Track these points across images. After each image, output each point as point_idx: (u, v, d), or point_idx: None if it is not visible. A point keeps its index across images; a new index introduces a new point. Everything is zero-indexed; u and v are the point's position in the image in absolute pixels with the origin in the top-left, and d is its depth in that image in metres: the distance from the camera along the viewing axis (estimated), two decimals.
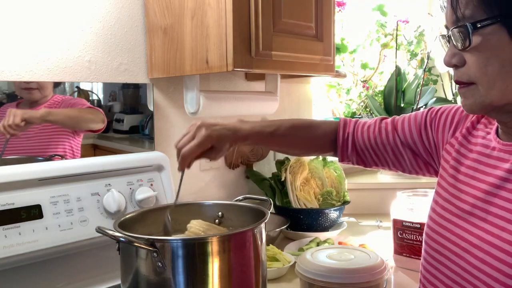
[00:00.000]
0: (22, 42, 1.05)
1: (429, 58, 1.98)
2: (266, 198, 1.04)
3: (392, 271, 1.19)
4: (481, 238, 0.72)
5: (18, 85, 1.07)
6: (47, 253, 0.98)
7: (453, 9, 0.69)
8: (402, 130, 0.96)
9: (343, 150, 1.01)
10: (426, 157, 0.94)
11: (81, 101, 1.15)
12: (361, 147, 1.00)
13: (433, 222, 0.82)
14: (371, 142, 0.99)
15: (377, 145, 0.98)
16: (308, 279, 0.92)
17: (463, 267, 0.74)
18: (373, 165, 1.01)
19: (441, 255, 0.79)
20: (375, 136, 0.98)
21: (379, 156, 0.99)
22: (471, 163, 0.79)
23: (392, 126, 0.97)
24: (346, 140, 1.01)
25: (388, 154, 0.97)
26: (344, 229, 1.50)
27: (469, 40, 0.67)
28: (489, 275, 0.69)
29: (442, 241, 0.79)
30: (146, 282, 0.77)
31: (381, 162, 1.00)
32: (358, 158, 1.01)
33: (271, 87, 1.51)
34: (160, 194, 1.17)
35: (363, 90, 2.11)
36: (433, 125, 0.91)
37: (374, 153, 0.99)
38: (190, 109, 1.29)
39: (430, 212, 0.85)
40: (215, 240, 0.77)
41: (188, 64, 1.14)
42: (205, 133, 0.88)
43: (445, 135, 0.88)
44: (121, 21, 1.22)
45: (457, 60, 0.71)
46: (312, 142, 1.03)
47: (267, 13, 1.09)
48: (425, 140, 0.93)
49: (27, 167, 1.00)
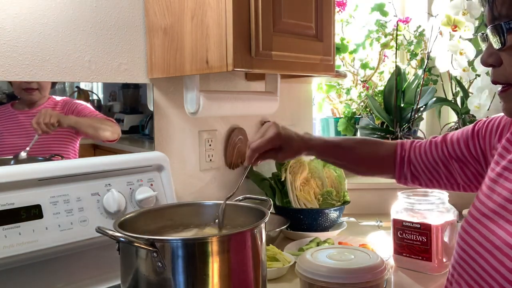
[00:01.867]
0: (22, 42, 1.05)
1: (429, 58, 1.97)
2: (266, 198, 1.04)
3: (392, 271, 1.19)
4: (503, 240, 0.71)
5: (19, 85, 1.06)
6: (47, 253, 0.98)
7: (490, 7, 0.68)
8: (451, 141, 0.96)
9: (400, 168, 1.03)
10: (474, 166, 0.93)
11: (86, 108, 1.15)
12: (415, 164, 1.02)
13: (465, 221, 0.82)
14: (422, 156, 1.01)
15: (428, 159, 1.00)
16: (308, 279, 0.92)
17: (484, 267, 0.74)
18: (428, 182, 1.02)
19: (466, 254, 0.79)
20: (425, 150, 1.00)
21: (431, 171, 1.00)
22: (507, 164, 0.79)
23: (442, 139, 0.99)
24: (403, 157, 1.03)
25: (439, 167, 0.98)
26: (344, 229, 1.50)
27: (504, 40, 0.66)
28: (505, 278, 0.69)
29: (469, 240, 0.79)
30: (146, 282, 0.77)
31: (435, 178, 1.00)
32: (412, 176, 1.03)
33: (271, 87, 1.51)
34: (160, 194, 1.17)
35: (363, 90, 2.11)
36: (480, 133, 0.92)
37: (426, 168, 1.00)
38: (190, 109, 1.29)
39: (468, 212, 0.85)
40: (215, 240, 0.77)
41: (188, 64, 1.14)
42: (276, 131, 0.92)
43: (491, 141, 0.88)
44: (121, 21, 1.22)
45: (493, 60, 0.70)
46: (376, 159, 1.06)
47: (267, 13, 1.08)
48: (472, 148, 0.93)
49: (27, 167, 1.00)
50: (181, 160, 1.39)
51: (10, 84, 1.05)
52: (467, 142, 0.94)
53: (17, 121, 1.06)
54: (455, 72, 1.92)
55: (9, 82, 1.04)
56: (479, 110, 1.88)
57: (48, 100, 1.10)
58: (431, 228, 1.14)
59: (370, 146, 1.06)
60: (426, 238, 1.14)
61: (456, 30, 1.79)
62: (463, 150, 0.94)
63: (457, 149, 0.95)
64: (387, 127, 1.96)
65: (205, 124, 1.46)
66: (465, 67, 1.88)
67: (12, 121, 1.05)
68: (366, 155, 1.05)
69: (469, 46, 1.84)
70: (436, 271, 1.15)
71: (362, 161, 1.06)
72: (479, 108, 1.88)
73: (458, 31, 1.79)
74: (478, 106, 1.88)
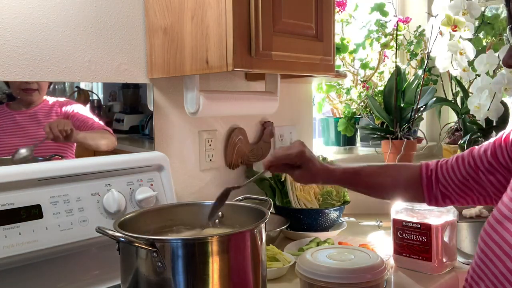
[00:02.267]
0: (22, 42, 1.05)
1: (429, 58, 1.97)
2: (266, 198, 1.04)
3: (392, 271, 1.19)
4: None
5: (19, 85, 1.06)
6: (47, 253, 0.98)
7: (507, 8, 0.68)
8: (478, 154, 0.96)
9: (428, 190, 1.01)
10: (503, 174, 0.93)
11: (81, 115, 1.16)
12: (443, 182, 0.99)
13: (487, 222, 0.82)
14: (450, 174, 0.99)
15: (456, 175, 0.98)
16: (308, 279, 0.92)
17: (501, 270, 0.73)
18: (460, 199, 1.00)
19: (485, 256, 0.78)
20: (452, 167, 0.99)
21: (461, 187, 0.98)
22: None
23: (468, 153, 0.98)
24: (429, 178, 1.01)
25: (469, 182, 0.97)
26: (344, 229, 1.50)
27: None
28: None
29: (489, 242, 0.79)
30: (146, 282, 0.77)
31: (466, 193, 0.98)
32: (443, 196, 1.00)
33: (271, 87, 1.51)
34: (160, 194, 1.17)
35: (363, 90, 2.11)
36: (508, 141, 0.91)
37: (455, 185, 0.98)
38: (190, 109, 1.29)
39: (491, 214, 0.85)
40: (215, 240, 0.77)
41: (188, 64, 1.14)
42: (300, 149, 0.93)
43: None
44: (121, 21, 1.22)
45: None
46: (400, 185, 1.03)
47: (267, 13, 1.08)
48: (500, 157, 0.92)
49: (27, 167, 1.00)
50: (181, 160, 1.39)
51: (6, 85, 1.04)
52: (494, 151, 0.93)
53: (14, 121, 1.05)
54: (455, 72, 1.92)
55: (5, 82, 1.04)
56: (479, 110, 1.88)
57: (44, 101, 1.10)
58: (431, 228, 1.14)
59: (392, 172, 1.04)
60: (426, 238, 1.14)
61: (456, 30, 1.79)
62: (491, 160, 0.93)
63: (485, 160, 0.94)
64: (387, 127, 1.96)
65: (205, 124, 1.46)
66: (465, 67, 1.88)
67: (9, 122, 1.05)
68: (389, 183, 1.03)
69: (469, 46, 1.84)
70: (436, 271, 1.15)
71: (385, 188, 1.04)
72: (479, 108, 1.88)
73: (458, 31, 1.79)
74: (478, 106, 1.88)
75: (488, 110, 1.86)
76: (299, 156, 0.93)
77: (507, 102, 1.96)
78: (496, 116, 1.89)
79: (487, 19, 2.12)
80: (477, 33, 2.11)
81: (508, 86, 1.78)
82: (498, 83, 1.80)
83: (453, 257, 1.20)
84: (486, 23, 2.12)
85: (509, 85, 1.77)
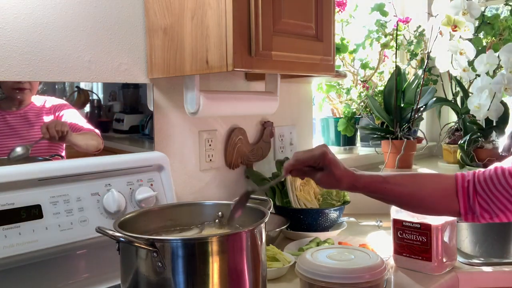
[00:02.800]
0: (22, 42, 1.05)
1: (429, 58, 1.97)
2: (266, 198, 1.04)
3: (392, 271, 1.19)
4: None
5: (11, 85, 1.05)
6: (47, 253, 0.98)
7: None
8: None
9: (465, 202, 0.94)
10: None
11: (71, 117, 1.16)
12: (482, 194, 0.93)
13: None
14: (489, 185, 0.92)
15: (496, 187, 0.92)
16: (308, 279, 0.92)
17: None
18: (500, 213, 0.92)
19: None
20: (491, 178, 0.92)
21: (502, 200, 0.91)
22: None
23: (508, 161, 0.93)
24: (466, 189, 0.94)
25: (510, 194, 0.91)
26: (344, 229, 1.50)
27: None
28: None
29: None
30: (146, 282, 0.77)
31: (507, 207, 0.92)
32: (481, 209, 0.93)
33: (271, 87, 1.51)
34: (160, 194, 1.17)
35: (363, 90, 2.11)
36: None
37: (496, 197, 0.92)
38: (190, 109, 1.29)
39: None
40: (215, 240, 0.77)
41: (188, 64, 1.14)
42: (323, 150, 0.90)
43: None
44: (121, 21, 1.22)
45: None
46: (433, 197, 0.96)
47: (267, 13, 1.09)
48: None
49: (27, 167, 1.00)
50: (181, 160, 1.39)
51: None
52: None
53: (4, 121, 1.05)
54: (455, 72, 1.92)
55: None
56: (479, 110, 1.88)
57: (33, 102, 1.09)
58: (431, 228, 1.14)
59: (423, 181, 0.97)
60: (426, 238, 1.14)
61: (456, 30, 1.79)
62: None
63: None
64: (387, 127, 1.97)
65: (205, 124, 1.46)
66: (465, 67, 1.89)
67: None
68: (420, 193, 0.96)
69: (469, 46, 1.84)
70: (436, 271, 1.15)
71: (416, 198, 0.97)
72: (479, 108, 1.88)
73: (458, 31, 1.79)
74: (478, 106, 1.89)
75: (488, 110, 1.86)
76: (322, 157, 0.90)
77: (507, 102, 1.96)
78: (496, 116, 1.89)
79: (487, 19, 2.13)
80: (477, 33, 2.12)
81: (508, 86, 1.78)
82: (498, 83, 1.80)
83: (453, 257, 1.20)
84: (486, 23, 2.12)
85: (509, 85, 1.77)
